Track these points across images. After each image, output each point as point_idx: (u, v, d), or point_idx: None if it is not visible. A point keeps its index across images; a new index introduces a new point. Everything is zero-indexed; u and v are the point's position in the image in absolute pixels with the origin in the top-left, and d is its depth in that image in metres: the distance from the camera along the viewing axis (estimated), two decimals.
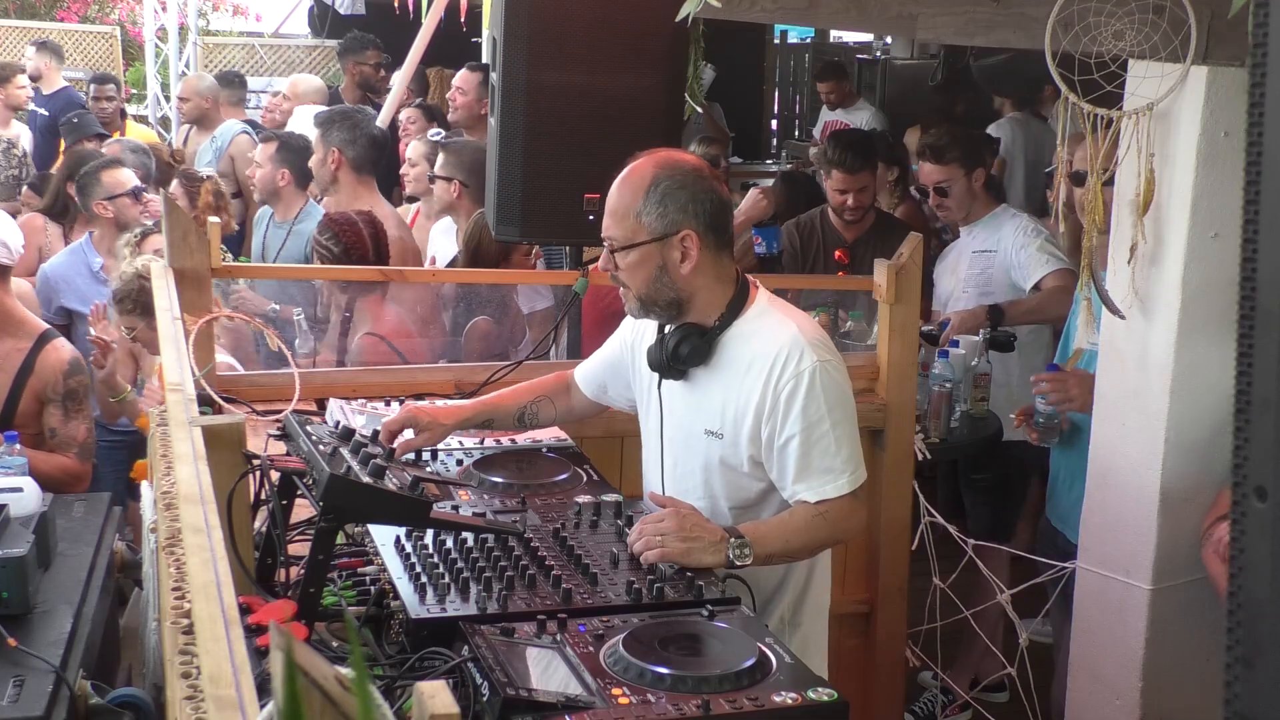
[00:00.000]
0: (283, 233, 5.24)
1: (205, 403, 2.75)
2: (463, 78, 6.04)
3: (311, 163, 4.94)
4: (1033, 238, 4.28)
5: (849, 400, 2.46)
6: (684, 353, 2.46)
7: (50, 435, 3.86)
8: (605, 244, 2.45)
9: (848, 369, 2.50)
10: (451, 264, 4.65)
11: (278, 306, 4.24)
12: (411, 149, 5.44)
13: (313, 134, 5.07)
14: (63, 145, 7.10)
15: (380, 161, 5.21)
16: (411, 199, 5.57)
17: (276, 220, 5.35)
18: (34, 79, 8.98)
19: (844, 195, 4.83)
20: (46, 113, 8.48)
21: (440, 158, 4.83)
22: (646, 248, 2.39)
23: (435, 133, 5.82)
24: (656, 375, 2.54)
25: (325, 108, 6.46)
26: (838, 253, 4.86)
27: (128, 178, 5.05)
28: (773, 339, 2.41)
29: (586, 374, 2.80)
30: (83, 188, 5.06)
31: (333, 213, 4.27)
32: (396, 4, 7.09)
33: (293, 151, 5.25)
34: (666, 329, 2.50)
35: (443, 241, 4.90)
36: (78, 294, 4.82)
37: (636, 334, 2.65)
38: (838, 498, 2.39)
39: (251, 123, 7.80)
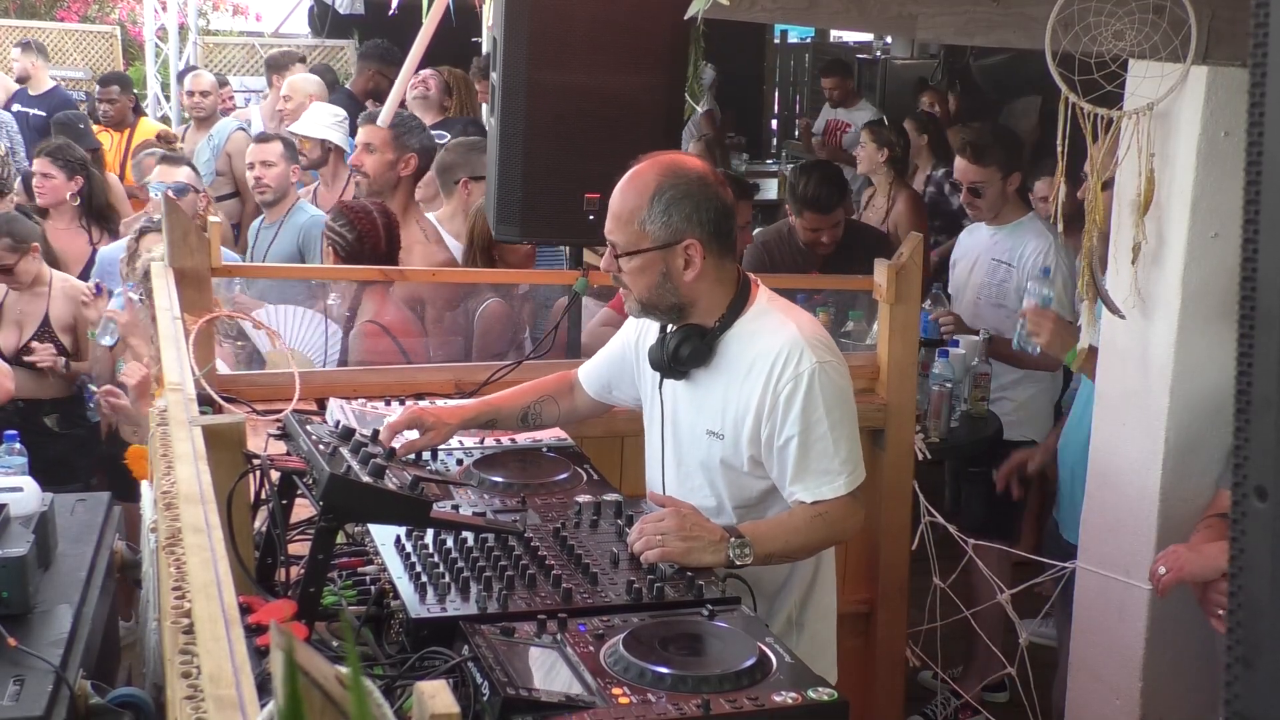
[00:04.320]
0: (271, 232, 5.23)
1: (205, 402, 2.75)
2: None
3: (372, 163, 4.82)
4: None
5: (848, 401, 2.46)
6: (684, 354, 2.45)
7: None
8: (609, 246, 2.45)
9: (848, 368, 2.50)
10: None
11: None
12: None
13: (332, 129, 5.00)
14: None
15: None
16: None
17: (266, 222, 5.33)
18: (21, 80, 8.97)
19: (818, 234, 4.65)
20: (44, 113, 8.47)
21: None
22: (650, 255, 2.38)
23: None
24: (658, 375, 2.55)
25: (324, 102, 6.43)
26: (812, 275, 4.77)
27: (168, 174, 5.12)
28: (773, 339, 2.41)
29: (590, 373, 2.80)
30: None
31: (346, 200, 4.25)
32: (391, 5, 7.06)
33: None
34: (668, 329, 2.50)
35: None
36: (115, 280, 4.85)
37: (640, 332, 2.65)
38: (835, 499, 2.39)
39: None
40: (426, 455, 2.64)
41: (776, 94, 12.56)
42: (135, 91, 8.67)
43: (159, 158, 5.34)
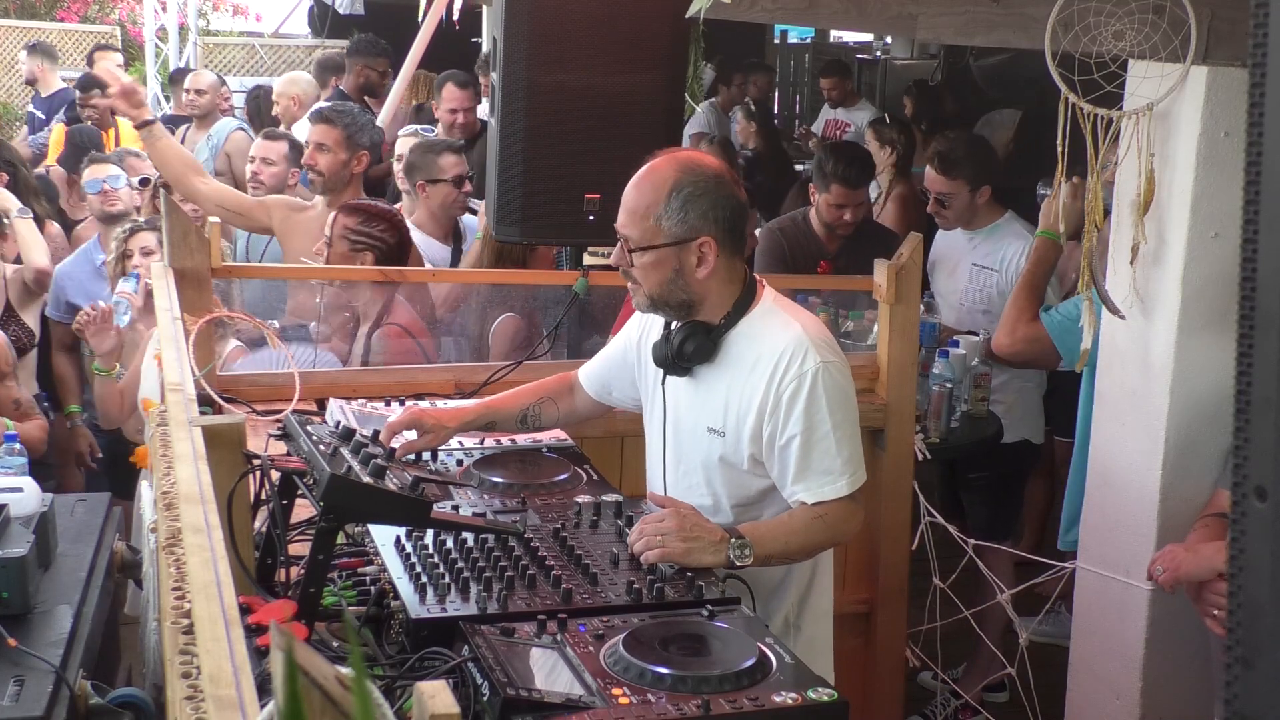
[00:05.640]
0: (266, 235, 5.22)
1: (205, 403, 2.75)
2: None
3: (326, 162, 4.81)
4: None
5: (851, 402, 2.46)
6: (689, 350, 2.45)
7: (16, 407, 4.18)
8: (620, 240, 2.44)
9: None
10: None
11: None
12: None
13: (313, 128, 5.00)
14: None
15: None
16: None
17: None
18: (30, 83, 8.97)
19: (842, 210, 4.68)
20: (44, 115, 8.47)
21: None
22: (663, 250, 2.38)
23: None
24: (661, 371, 2.55)
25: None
26: (821, 265, 4.77)
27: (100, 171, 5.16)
28: (778, 339, 2.41)
29: (590, 374, 2.80)
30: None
31: (369, 204, 4.20)
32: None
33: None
34: (672, 325, 2.50)
35: None
36: (82, 290, 4.88)
37: (643, 331, 2.65)
38: (835, 500, 2.39)
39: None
40: (426, 455, 2.64)
41: (776, 94, 12.56)
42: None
43: (88, 158, 5.36)
